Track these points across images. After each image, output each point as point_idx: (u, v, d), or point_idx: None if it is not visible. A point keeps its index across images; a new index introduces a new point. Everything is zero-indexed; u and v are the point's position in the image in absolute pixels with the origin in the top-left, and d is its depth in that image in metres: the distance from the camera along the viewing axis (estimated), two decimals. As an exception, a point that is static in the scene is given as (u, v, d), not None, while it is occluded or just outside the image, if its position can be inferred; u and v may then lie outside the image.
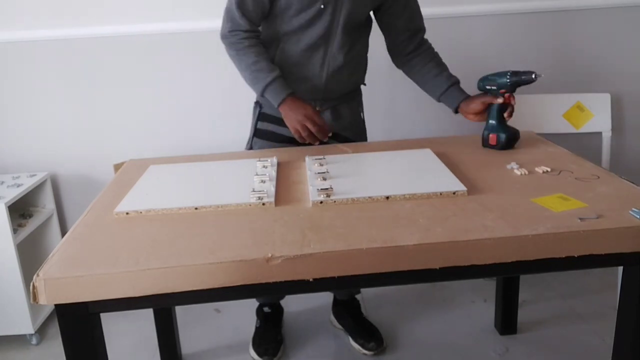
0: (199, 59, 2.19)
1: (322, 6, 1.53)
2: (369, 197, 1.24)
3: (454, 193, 1.25)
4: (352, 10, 1.57)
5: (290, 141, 1.69)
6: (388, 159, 1.51)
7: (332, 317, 2.03)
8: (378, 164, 1.47)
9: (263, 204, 1.25)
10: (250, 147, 1.76)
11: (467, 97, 1.63)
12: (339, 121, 1.72)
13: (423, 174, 1.37)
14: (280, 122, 1.66)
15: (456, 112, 1.67)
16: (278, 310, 2.02)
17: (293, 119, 1.55)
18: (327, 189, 1.27)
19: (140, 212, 1.24)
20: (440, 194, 1.25)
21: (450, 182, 1.30)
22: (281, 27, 1.59)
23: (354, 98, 1.77)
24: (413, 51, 1.72)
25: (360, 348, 1.86)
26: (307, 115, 1.54)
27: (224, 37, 1.61)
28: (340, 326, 1.99)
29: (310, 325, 2.04)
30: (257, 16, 1.59)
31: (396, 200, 1.24)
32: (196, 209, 1.24)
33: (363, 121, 1.83)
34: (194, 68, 2.19)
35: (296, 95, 1.59)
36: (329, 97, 1.69)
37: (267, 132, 1.72)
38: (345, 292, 1.98)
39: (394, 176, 1.37)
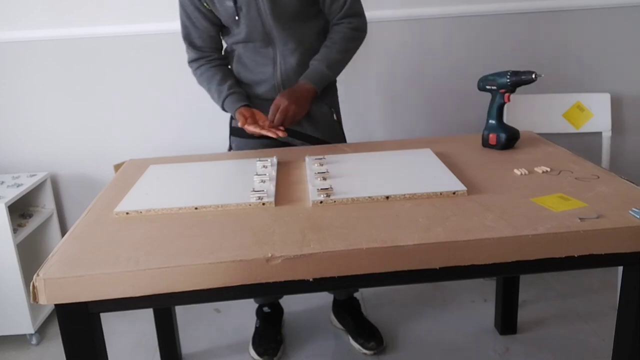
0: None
1: (236, 17, 1.56)
2: (369, 197, 1.24)
3: (454, 193, 1.25)
4: (274, 4, 1.54)
5: (265, 137, 1.69)
6: (388, 159, 1.51)
7: (332, 317, 2.03)
8: (378, 164, 1.47)
9: (263, 203, 1.25)
10: (230, 146, 1.78)
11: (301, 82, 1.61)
12: (311, 123, 1.71)
13: (423, 174, 1.37)
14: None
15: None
16: (278, 311, 2.02)
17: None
18: (327, 188, 1.27)
19: (140, 212, 1.24)
20: (440, 194, 1.25)
21: (450, 182, 1.30)
22: (230, 38, 1.67)
23: (324, 98, 1.72)
24: (331, 28, 1.66)
25: (360, 348, 1.86)
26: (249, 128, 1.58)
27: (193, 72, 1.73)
28: (340, 326, 1.99)
29: (310, 325, 2.04)
30: (205, 42, 1.67)
31: (396, 200, 1.24)
32: (196, 209, 1.24)
33: (337, 123, 1.78)
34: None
35: (243, 107, 1.62)
36: None
37: (241, 130, 1.70)
38: (344, 292, 1.98)
39: (394, 176, 1.37)
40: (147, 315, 2.01)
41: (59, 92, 2.20)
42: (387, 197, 1.24)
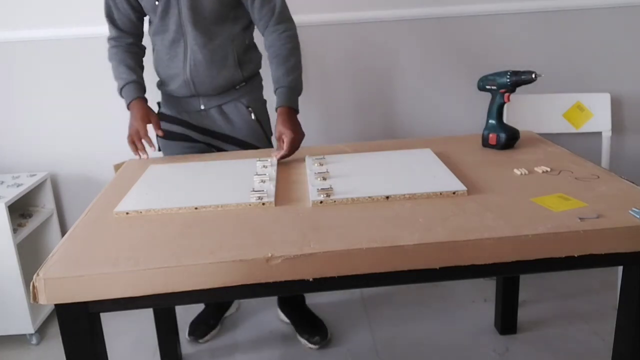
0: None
1: (156, 2, 1.61)
2: (369, 197, 1.24)
3: (454, 193, 1.25)
4: (192, 5, 1.60)
5: (191, 139, 1.76)
6: (388, 159, 1.51)
7: (279, 312, 2.04)
8: (378, 164, 1.47)
9: (263, 203, 1.25)
10: (158, 147, 1.78)
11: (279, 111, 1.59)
12: (227, 122, 1.74)
13: (423, 174, 1.37)
14: (179, 122, 1.76)
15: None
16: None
17: (129, 126, 1.65)
18: (327, 188, 1.27)
19: (140, 212, 1.24)
20: (440, 193, 1.25)
21: (450, 182, 1.30)
22: (150, 29, 1.72)
23: (240, 97, 1.74)
24: (268, 36, 1.67)
25: (306, 342, 1.87)
26: (132, 129, 1.63)
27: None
28: (287, 320, 2.00)
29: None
30: (125, 24, 1.72)
31: (396, 200, 1.24)
32: (196, 208, 1.24)
33: (256, 122, 1.76)
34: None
35: (142, 100, 1.68)
36: (205, 93, 1.72)
37: (167, 132, 1.73)
38: None
39: (394, 176, 1.37)
40: (147, 315, 2.01)
41: (59, 92, 2.20)
42: (387, 197, 1.24)
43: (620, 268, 1.22)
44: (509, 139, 1.57)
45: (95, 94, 2.21)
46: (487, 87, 1.58)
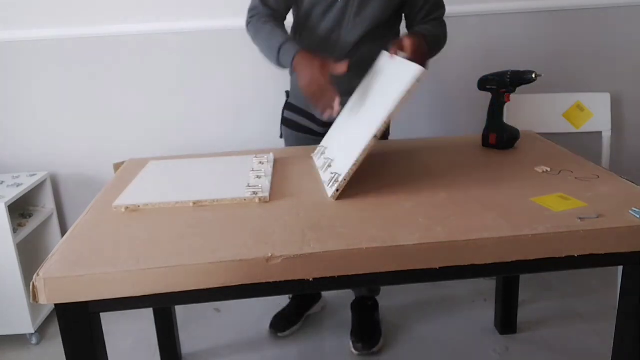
0: (199, 58, 2.19)
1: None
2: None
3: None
4: (362, 10, 1.55)
5: (313, 132, 1.74)
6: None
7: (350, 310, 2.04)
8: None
9: (259, 199, 1.25)
10: (281, 134, 1.81)
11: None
12: None
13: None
14: (304, 113, 1.73)
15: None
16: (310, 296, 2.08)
17: (302, 79, 1.42)
18: (333, 175, 1.27)
19: (138, 207, 1.25)
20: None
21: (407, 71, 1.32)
22: (297, 18, 1.65)
23: None
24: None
25: (351, 345, 1.87)
26: (312, 83, 1.38)
27: (246, 24, 1.62)
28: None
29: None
30: (279, 5, 1.61)
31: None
32: (194, 203, 1.25)
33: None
34: (194, 68, 2.20)
35: (307, 49, 1.48)
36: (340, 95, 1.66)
37: (292, 122, 1.75)
38: (364, 289, 1.99)
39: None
40: (147, 315, 2.01)
41: (59, 92, 2.20)
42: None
43: (620, 268, 1.22)
44: (509, 139, 1.57)
45: (95, 93, 2.21)
46: (487, 87, 1.58)
